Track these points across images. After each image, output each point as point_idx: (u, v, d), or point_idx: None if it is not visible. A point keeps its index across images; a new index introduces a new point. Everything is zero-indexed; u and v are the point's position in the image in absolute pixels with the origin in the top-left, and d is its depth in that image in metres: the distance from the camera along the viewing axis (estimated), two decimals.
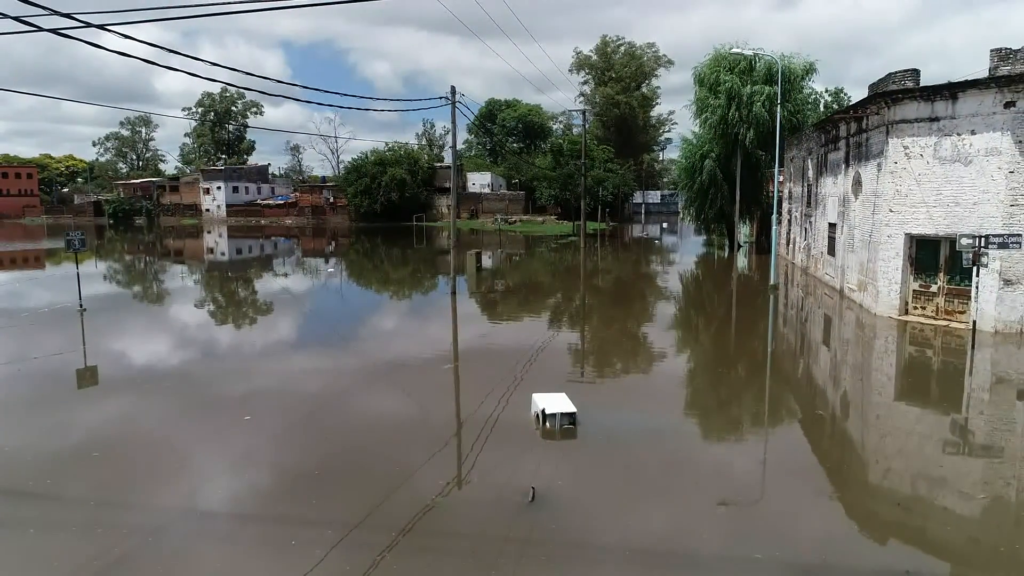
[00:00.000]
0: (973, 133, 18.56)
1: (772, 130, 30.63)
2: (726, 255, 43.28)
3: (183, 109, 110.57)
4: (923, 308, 20.26)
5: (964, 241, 16.98)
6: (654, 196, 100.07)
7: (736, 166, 39.10)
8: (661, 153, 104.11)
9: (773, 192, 32.99)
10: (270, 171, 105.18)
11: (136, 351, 18.35)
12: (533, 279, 35.90)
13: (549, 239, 57.22)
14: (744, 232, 46.76)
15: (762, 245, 42.78)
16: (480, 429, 11.69)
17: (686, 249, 51.66)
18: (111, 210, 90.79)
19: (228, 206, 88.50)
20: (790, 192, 38.22)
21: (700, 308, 27.67)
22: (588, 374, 16.69)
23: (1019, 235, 17.13)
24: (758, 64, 37.38)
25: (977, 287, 17.69)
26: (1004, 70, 18.17)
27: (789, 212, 38.28)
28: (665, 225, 78.02)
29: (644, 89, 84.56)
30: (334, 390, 14.53)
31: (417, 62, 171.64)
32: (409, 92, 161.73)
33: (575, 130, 79.66)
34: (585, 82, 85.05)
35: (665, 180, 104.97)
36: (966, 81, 18.90)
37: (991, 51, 18.54)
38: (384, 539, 7.97)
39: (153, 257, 49.39)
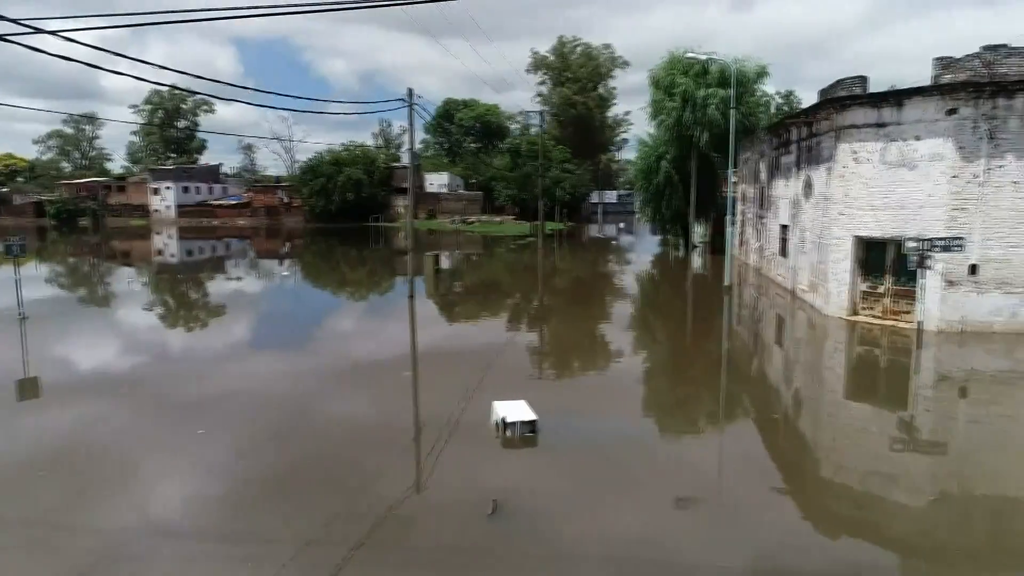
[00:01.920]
0: (918, 139, 19.16)
1: (726, 132, 31.13)
2: (681, 255, 43.91)
3: (131, 107, 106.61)
4: (871, 309, 20.85)
5: (910, 244, 17.55)
6: (611, 196, 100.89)
7: (691, 167, 39.69)
8: (618, 153, 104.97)
9: (727, 193, 33.56)
10: (222, 171, 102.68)
11: (81, 360, 17.69)
12: (492, 280, 35.84)
13: (507, 239, 57.17)
14: (699, 232, 47.46)
15: (717, 245, 43.43)
16: (439, 438, 11.58)
17: (642, 249, 52.20)
18: (54, 211, 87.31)
19: (178, 207, 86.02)
20: (744, 194, 38.94)
21: (656, 309, 27.99)
22: (547, 377, 16.70)
23: (961, 238, 17.77)
24: (712, 67, 37.93)
25: (922, 288, 18.28)
26: (946, 78, 18.80)
27: (743, 213, 39.00)
28: (622, 225, 78.72)
29: (601, 90, 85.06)
30: (289, 398, 14.18)
31: (374, 60, 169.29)
32: (366, 90, 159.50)
33: (533, 130, 79.74)
34: (542, 82, 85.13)
35: (622, 180, 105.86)
36: (911, 89, 19.53)
37: (934, 60, 19.16)
38: (340, 553, 7.83)
39: (99, 260, 47.75)
